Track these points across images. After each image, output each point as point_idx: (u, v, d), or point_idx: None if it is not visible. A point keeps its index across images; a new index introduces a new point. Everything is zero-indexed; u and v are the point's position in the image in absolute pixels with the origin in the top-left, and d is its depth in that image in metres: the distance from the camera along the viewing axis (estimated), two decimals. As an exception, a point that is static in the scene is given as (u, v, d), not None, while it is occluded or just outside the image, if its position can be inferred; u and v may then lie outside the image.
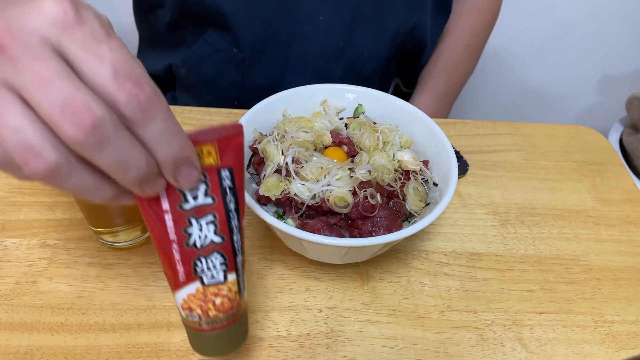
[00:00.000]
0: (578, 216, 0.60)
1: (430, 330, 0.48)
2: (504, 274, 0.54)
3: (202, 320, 0.36)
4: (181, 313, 0.36)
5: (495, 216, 0.59)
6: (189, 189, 0.31)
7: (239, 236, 0.35)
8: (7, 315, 0.46)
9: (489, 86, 1.54)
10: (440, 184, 0.50)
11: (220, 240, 0.33)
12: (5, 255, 0.50)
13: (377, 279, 0.52)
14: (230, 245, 0.34)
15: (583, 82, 1.52)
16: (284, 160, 0.48)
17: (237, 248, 0.35)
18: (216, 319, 0.36)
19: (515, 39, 1.33)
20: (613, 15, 1.37)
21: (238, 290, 0.36)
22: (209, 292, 0.35)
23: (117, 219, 0.49)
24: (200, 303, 0.35)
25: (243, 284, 0.37)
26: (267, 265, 0.52)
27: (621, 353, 0.48)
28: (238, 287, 0.36)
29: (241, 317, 0.38)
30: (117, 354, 0.44)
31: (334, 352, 0.46)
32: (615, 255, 0.57)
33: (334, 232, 0.46)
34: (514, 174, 0.65)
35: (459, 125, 0.71)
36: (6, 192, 0.56)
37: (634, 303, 0.52)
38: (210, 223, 0.33)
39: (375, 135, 0.52)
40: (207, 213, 0.32)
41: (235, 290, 0.36)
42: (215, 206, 0.32)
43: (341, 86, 0.58)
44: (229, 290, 0.35)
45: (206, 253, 0.33)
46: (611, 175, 0.66)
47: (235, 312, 0.37)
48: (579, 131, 0.72)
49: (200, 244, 0.33)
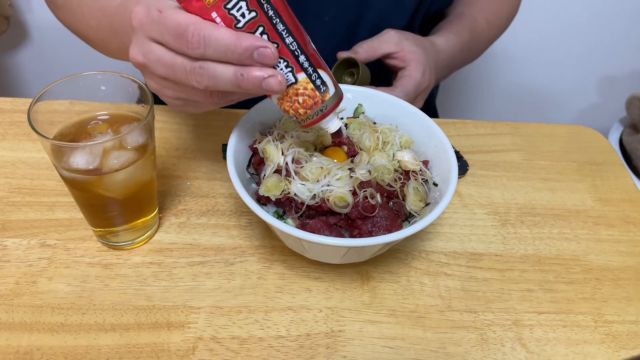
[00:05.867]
0: (578, 216, 0.60)
1: (430, 330, 0.48)
2: (504, 274, 0.54)
3: (298, 119, 0.44)
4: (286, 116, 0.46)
5: (495, 216, 0.59)
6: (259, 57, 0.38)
7: (292, 38, 0.40)
8: (7, 315, 0.46)
9: (489, 86, 1.54)
10: (440, 184, 0.50)
11: (276, 47, 0.39)
12: (5, 255, 0.50)
13: (377, 279, 0.52)
14: (286, 48, 0.40)
15: (583, 82, 1.52)
16: (284, 160, 0.48)
17: (293, 50, 0.40)
18: (306, 116, 0.43)
19: (515, 39, 1.33)
20: (613, 15, 1.37)
21: (315, 87, 0.42)
22: (290, 93, 0.42)
23: (117, 219, 0.50)
24: (289, 104, 0.42)
25: (320, 81, 0.42)
26: (267, 265, 0.52)
27: (621, 353, 0.48)
28: (313, 84, 0.42)
29: (332, 112, 0.44)
30: (117, 354, 0.44)
31: (334, 352, 0.46)
32: (615, 255, 0.57)
33: (334, 232, 0.46)
34: (514, 174, 0.65)
35: (459, 125, 0.71)
36: (6, 192, 0.56)
37: (634, 303, 0.52)
38: (264, 34, 0.39)
39: (375, 135, 0.52)
40: (257, 26, 0.39)
41: (311, 87, 0.42)
42: (259, 18, 0.38)
43: (341, 86, 0.58)
44: (305, 88, 0.42)
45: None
46: (611, 175, 0.66)
47: (322, 107, 0.43)
48: (579, 131, 0.72)
49: None
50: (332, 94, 0.43)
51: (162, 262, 0.51)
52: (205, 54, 0.39)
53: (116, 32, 0.53)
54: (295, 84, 0.41)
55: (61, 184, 0.56)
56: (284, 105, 0.43)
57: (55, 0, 0.62)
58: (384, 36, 0.67)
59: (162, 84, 0.44)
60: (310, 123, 0.44)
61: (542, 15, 1.34)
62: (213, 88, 0.41)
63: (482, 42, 0.82)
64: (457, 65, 0.79)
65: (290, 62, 0.40)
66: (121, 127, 0.47)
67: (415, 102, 0.67)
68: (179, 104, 0.46)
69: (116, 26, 0.52)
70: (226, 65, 0.39)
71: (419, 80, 0.65)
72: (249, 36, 0.38)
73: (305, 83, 0.41)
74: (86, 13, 0.57)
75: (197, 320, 0.47)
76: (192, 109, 0.46)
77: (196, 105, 0.46)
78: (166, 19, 0.39)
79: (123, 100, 0.48)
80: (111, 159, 0.44)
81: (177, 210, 0.56)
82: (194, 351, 0.45)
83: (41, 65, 1.44)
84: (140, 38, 0.42)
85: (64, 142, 0.45)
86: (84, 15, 0.58)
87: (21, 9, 1.33)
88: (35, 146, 0.61)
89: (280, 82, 0.40)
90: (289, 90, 0.42)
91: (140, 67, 0.44)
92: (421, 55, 0.66)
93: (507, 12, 0.84)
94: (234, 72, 0.39)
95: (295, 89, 0.42)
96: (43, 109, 0.45)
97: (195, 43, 0.38)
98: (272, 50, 0.38)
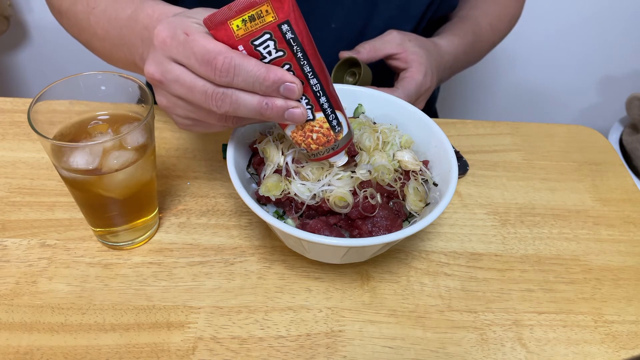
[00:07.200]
0: (578, 216, 0.60)
1: (430, 330, 0.48)
2: (504, 274, 0.54)
3: (308, 152, 0.45)
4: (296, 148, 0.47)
5: (495, 216, 0.59)
6: (286, 92, 0.40)
7: (316, 80, 0.41)
8: (7, 315, 0.46)
9: (489, 86, 1.54)
10: (440, 184, 0.50)
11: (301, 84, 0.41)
12: (5, 255, 0.50)
13: (377, 279, 0.52)
14: (309, 88, 0.41)
15: (583, 82, 1.52)
16: (284, 160, 0.48)
17: (316, 91, 0.42)
18: (317, 152, 0.45)
19: (515, 39, 1.32)
20: (613, 16, 1.37)
21: (331, 127, 0.44)
22: (306, 128, 0.44)
23: (117, 219, 0.50)
24: (302, 138, 0.44)
25: (336, 121, 0.44)
26: (267, 265, 0.52)
27: (621, 353, 0.48)
28: (329, 124, 0.43)
29: (342, 150, 0.46)
30: (117, 354, 0.44)
31: (334, 352, 0.46)
32: (615, 255, 0.57)
33: (334, 232, 0.46)
34: (514, 174, 0.65)
35: (459, 125, 0.71)
36: (6, 192, 0.56)
37: (633, 303, 0.52)
38: (289, 71, 0.40)
39: (375, 135, 0.52)
40: (283, 64, 0.40)
41: (327, 127, 0.44)
42: (286, 57, 0.40)
43: (341, 86, 0.58)
44: (320, 127, 0.43)
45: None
46: (611, 175, 0.66)
47: (333, 145, 0.45)
48: (579, 131, 0.72)
49: None
50: (345, 134, 0.45)
51: (162, 262, 0.51)
52: (232, 82, 0.40)
53: (124, 44, 0.53)
54: (312, 120, 0.43)
55: (61, 184, 0.56)
56: (296, 138, 0.44)
57: (60, 8, 0.62)
58: (387, 37, 0.67)
59: (175, 103, 0.44)
60: (319, 158, 0.46)
61: (542, 16, 1.35)
62: (232, 114, 0.42)
63: (484, 45, 0.82)
64: (459, 68, 0.79)
65: (311, 101, 0.42)
66: (121, 127, 0.47)
67: (417, 104, 0.67)
68: (188, 123, 0.46)
69: (125, 38, 0.52)
70: (250, 93, 0.41)
71: (420, 81, 0.65)
72: (278, 70, 0.40)
73: (321, 122, 0.43)
74: (93, 22, 0.57)
75: (197, 320, 0.47)
76: (200, 129, 0.47)
77: (205, 127, 0.46)
78: (194, 42, 0.39)
79: (123, 100, 0.48)
80: (111, 159, 0.44)
81: (177, 210, 0.56)
82: (194, 351, 0.45)
83: (41, 65, 1.44)
84: (160, 56, 0.42)
85: (64, 142, 0.45)
86: (91, 24, 0.57)
87: (21, 9, 1.33)
88: (35, 146, 0.61)
89: (302, 114, 0.42)
90: (305, 126, 0.44)
91: (155, 82, 0.44)
92: (423, 57, 0.66)
93: (510, 16, 0.84)
94: (258, 101, 0.41)
95: (311, 125, 0.44)
96: (43, 109, 0.45)
97: (224, 71, 0.39)
98: (298, 86, 0.40)
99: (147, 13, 0.49)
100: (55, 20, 0.66)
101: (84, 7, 0.58)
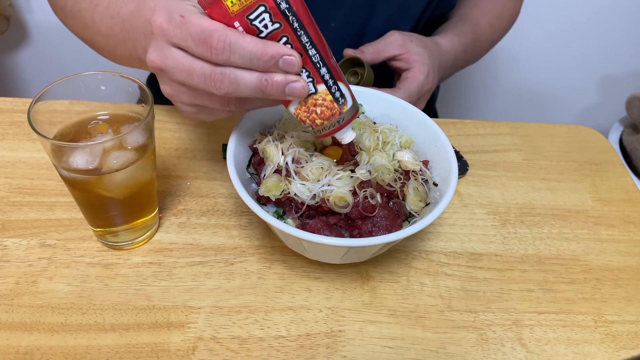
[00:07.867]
0: (578, 216, 0.60)
1: (430, 330, 0.48)
2: (504, 274, 0.54)
3: (314, 129, 0.44)
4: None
5: (495, 216, 0.59)
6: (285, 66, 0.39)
7: (315, 50, 0.40)
8: (7, 315, 0.46)
9: (489, 86, 1.54)
10: (440, 184, 0.50)
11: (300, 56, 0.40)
12: (5, 255, 0.50)
13: (377, 279, 0.52)
14: (308, 59, 0.40)
15: (583, 82, 1.52)
16: (284, 160, 0.48)
17: (316, 62, 0.41)
18: (323, 127, 0.43)
19: (515, 39, 1.33)
20: (613, 16, 1.38)
21: (334, 99, 0.42)
22: (309, 103, 0.42)
23: (117, 219, 0.50)
24: (306, 114, 0.43)
25: (339, 93, 0.43)
26: (267, 265, 0.52)
27: (621, 353, 0.48)
28: (332, 96, 0.42)
29: (348, 124, 0.44)
30: (117, 354, 0.44)
31: (334, 352, 0.46)
32: (615, 255, 0.57)
33: (334, 232, 0.46)
34: (514, 174, 0.65)
35: (459, 125, 0.71)
36: (6, 192, 0.56)
37: (633, 303, 0.52)
38: (287, 44, 0.40)
39: (375, 135, 0.52)
40: (280, 37, 0.39)
41: (330, 99, 0.42)
42: (283, 29, 0.39)
43: (341, 86, 0.58)
44: (324, 99, 0.42)
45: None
46: (611, 175, 0.66)
47: (338, 118, 0.43)
48: (579, 131, 0.72)
49: None
50: (350, 107, 0.44)
51: (162, 262, 0.51)
52: (229, 60, 0.39)
53: (128, 39, 0.53)
54: (314, 94, 0.42)
55: (61, 184, 0.56)
56: (300, 115, 0.43)
57: (64, 7, 0.62)
58: (389, 38, 0.67)
59: (178, 90, 0.44)
60: (325, 134, 0.44)
61: (542, 16, 1.35)
62: (233, 94, 0.41)
63: (484, 45, 0.82)
64: (458, 67, 0.79)
65: (312, 73, 0.41)
66: (121, 127, 0.47)
67: (418, 104, 0.67)
68: (193, 111, 0.46)
69: (128, 32, 0.52)
70: (249, 71, 0.40)
71: (422, 82, 0.65)
72: (275, 44, 0.39)
73: (324, 94, 0.42)
74: (97, 19, 0.57)
75: (197, 320, 0.47)
76: (206, 116, 0.47)
77: (210, 113, 0.46)
78: (190, 23, 0.39)
79: (123, 100, 0.48)
80: (111, 159, 0.44)
81: (177, 210, 0.56)
82: (194, 351, 0.45)
83: (41, 65, 1.44)
84: (160, 43, 0.42)
85: (64, 142, 0.45)
86: (94, 21, 0.58)
87: (21, 9, 1.33)
88: (35, 146, 0.61)
89: (304, 87, 0.41)
90: (308, 100, 0.42)
91: (157, 71, 0.44)
92: (425, 57, 0.66)
93: (509, 15, 0.85)
94: (257, 78, 0.40)
95: (314, 99, 0.42)
96: (43, 109, 0.45)
97: (220, 49, 0.39)
98: (297, 58, 0.39)
99: (149, 7, 0.49)
100: (55, 20, 0.66)
101: (87, 4, 0.58)
